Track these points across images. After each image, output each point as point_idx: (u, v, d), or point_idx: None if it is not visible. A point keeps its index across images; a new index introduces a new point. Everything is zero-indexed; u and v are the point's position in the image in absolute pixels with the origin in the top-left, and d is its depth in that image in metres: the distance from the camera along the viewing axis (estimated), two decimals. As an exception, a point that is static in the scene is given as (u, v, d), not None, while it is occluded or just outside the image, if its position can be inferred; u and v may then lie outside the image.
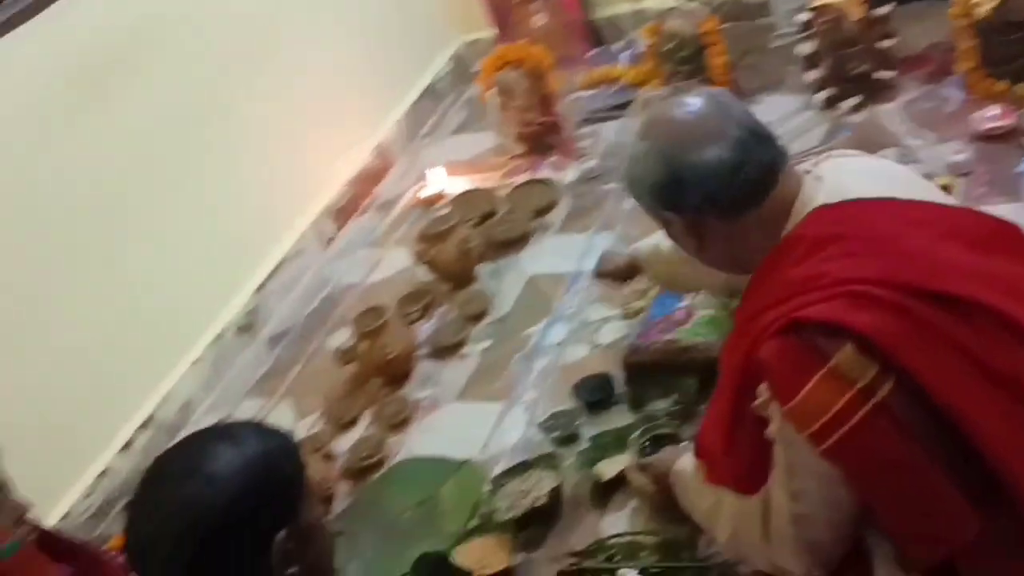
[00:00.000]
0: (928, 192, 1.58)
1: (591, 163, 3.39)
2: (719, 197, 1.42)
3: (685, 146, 1.42)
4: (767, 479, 1.46)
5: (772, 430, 1.39)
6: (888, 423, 1.26)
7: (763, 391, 1.36)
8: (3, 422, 1.88)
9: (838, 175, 1.50)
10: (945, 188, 2.52)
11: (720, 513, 1.60)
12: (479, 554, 2.17)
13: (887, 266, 1.34)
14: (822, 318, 1.29)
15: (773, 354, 1.32)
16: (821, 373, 1.27)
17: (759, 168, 1.42)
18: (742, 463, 1.50)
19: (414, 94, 4.13)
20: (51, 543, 1.89)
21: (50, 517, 2.56)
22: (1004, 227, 1.49)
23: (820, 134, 3.08)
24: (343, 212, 3.70)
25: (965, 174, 2.64)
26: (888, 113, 3.03)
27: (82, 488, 2.72)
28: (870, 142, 2.92)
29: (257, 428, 1.33)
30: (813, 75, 3.15)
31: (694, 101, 1.47)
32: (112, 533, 2.62)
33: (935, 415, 1.27)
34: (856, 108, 3.07)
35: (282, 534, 1.23)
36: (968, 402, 1.26)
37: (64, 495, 2.69)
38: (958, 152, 2.68)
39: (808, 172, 1.51)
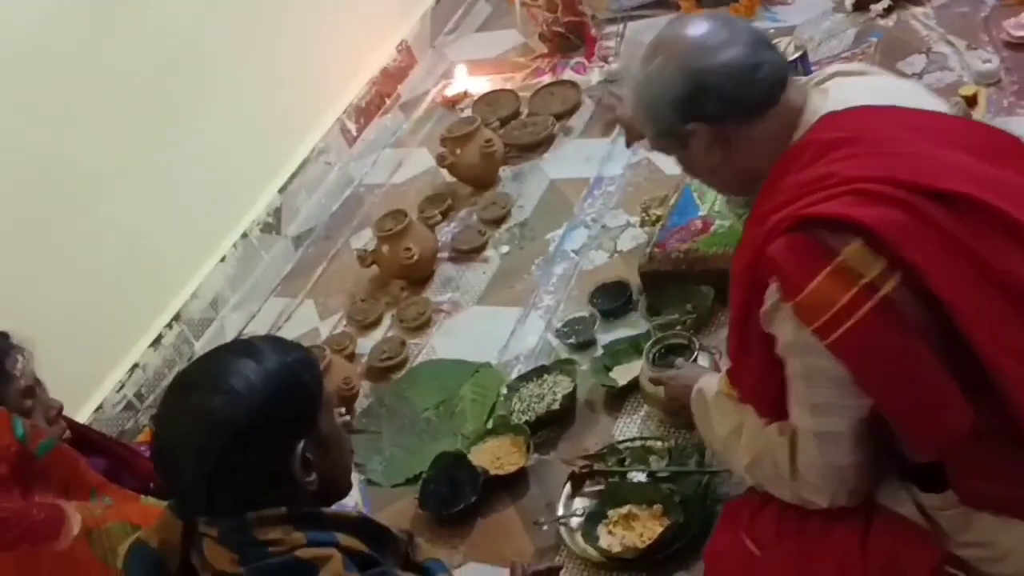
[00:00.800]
0: (934, 105, 1.60)
1: (616, 64, 3.35)
2: (742, 97, 1.45)
3: (702, 53, 1.45)
4: (772, 398, 1.47)
5: (783, 343, 1.39)
6: (892, 317, 1.28)
7: (772, 293, 1.36)
8: (39, 320, 1.95)
9: (842, 88, 1.54)
10: (971, 98, 2.50)
11: (741, 437, 1.59)
12: (495, 454, 2.26)
13: (891, 165, 1.36)
14: (829, 214, 1.31)
15: (780, 251, 1.34)
16: (829, 268, 1.29)
17: (774, 68, 1.46)
18: (751, 373, 1.51)
19: (438, -11, 4.07)
20: (84, 439, 1.99)
21: (84, 410, 2.67)
22: (1007, 138, 1.51)
23: (849, 37, 3.02)
24: (366, 111, 3.70)
25: (993, 83, 2.59)
26: (919, 17, 2.95)
27: (114, 382, 2.83)
28: (899, 47, 2.88)
29: (277, 343, 1.35)
30: (844, -24, 3.08)
31: (697, 18, 1.52)
32: (143, 425, 2.73)
33: (934, 311, 1.29)
34: (886, 11, 3.00)
35: (301, 444, 1.29)
36: (966, 299, 1.28)
37: (97, 389, 2.79)
38: (987, 60, 2.63)
39: (813, 85, 1.56)
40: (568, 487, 2.11)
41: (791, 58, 2.73)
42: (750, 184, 1.55)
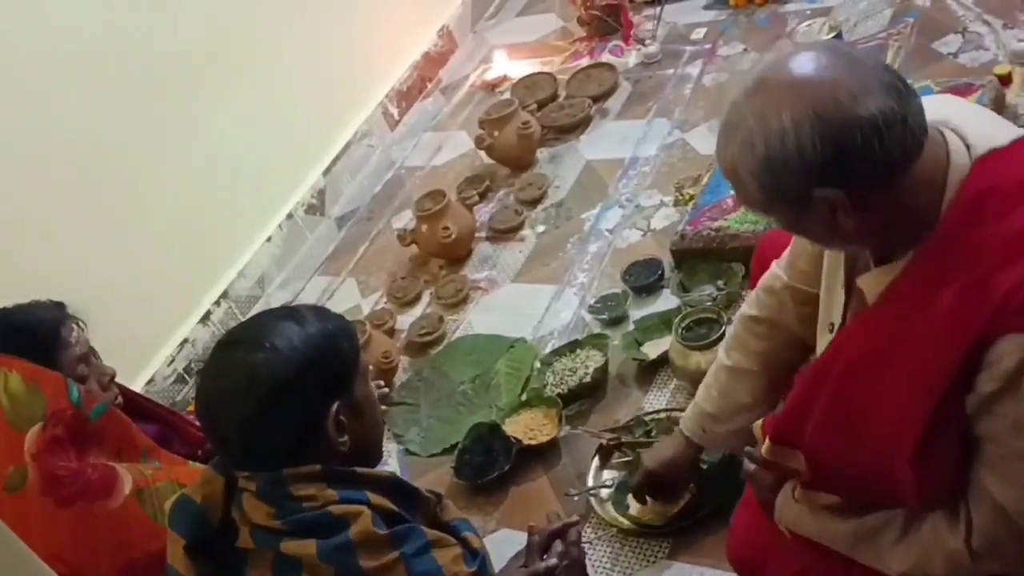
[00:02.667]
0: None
1: (652, 48, 3.39)
2: (891, 154, 1.19)
3: (842, 105, 1.17)
4: (942, 496, 1.30)
5: (1012, 422, 1.21)
6: None
7: (991, 378, 1.18)
8: (95, 296, 2.04)
9: (964, 117, 1.33)
10: (1006, 76, 2.51)
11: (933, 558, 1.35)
12: (528, 425, 2.32)
13: None
14: None
15: None
16: None
17: (919, 110, 1.21)
18: (936, 474, 1.28)
19: (480, -26, 4.14)
20: (136, 405, 2.09)
21: (137, 381, 2.78)
22: None
23: (885, 18, 3.03)
24: (408, 95, 3.78)
25: (1029, 62, 2.59)
26: (956, -3, 2.96)
27: (165, 356, 2.94)
28: (935, 27, 2.89)
29: (319, 311, 1.42)
30: (882, -44, 3.09)
31: (811, 55, 1.23)
32: (192, 397, 2.83)
33: None
34: (924, -9, 3.01)
35: (336, 405, 1.35)
36: None
37: (149, 362, 2.91)
38: (1022, 40, 2.63)
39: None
40: (597, 459, 2.16)
41: (825, 38, 2.77)
42: (877, 242, 1.32)
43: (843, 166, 1.19)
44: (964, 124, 1.29)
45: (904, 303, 1.27)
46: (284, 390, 1.31)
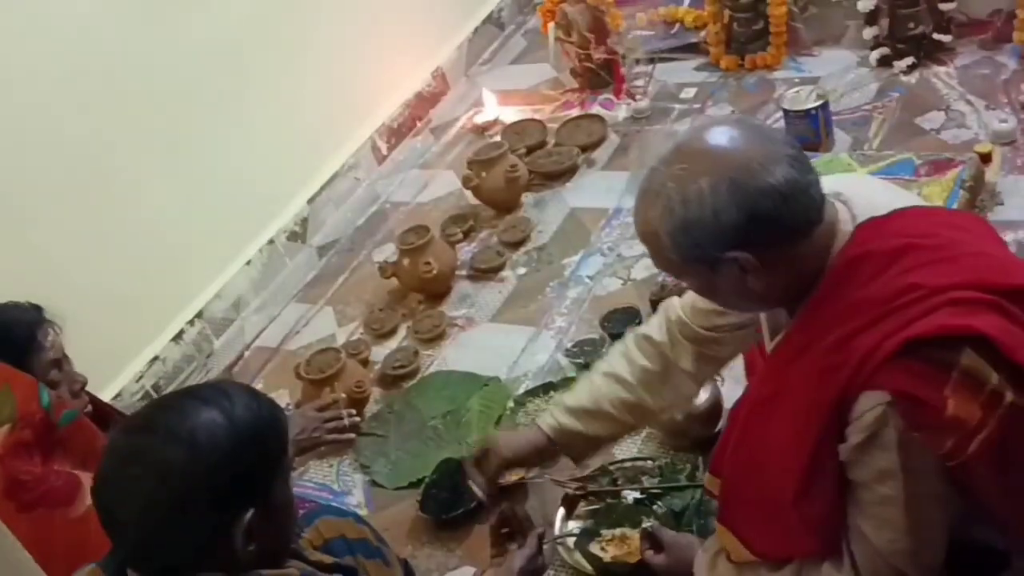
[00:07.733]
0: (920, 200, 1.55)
1: (643, 103, 3.44)
2: (797, 219, 1.30)
3: (755, 173, 1.27)
4: (837, 533, 1.40)
5: (878, 470, 1.30)
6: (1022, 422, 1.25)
7: (867, 426, 1.28)
8: (67, 306, 2.02)
9: (856, 189, 1.44)
10: (986, 155, 2.57)
11: None
12: (497, 464, 2.31)
13: (968, 269, 1.31)
14: (939, 330, 1.23)
15: (901, 380, 1.24)
16: (953, 385, 1.23)
17: (816, 181, 1.32)
18: (816, 512, 1.39)
19: (476, 21, 4.19)
20: (105, 415, 2.07)
21: (104, 395, 2.72)
22: (986, 224, 1.53)
23: (871, 91, 3.11)
24: (398, 132, 3.81)
25: (1008, 143, 2.67)
26: (941, 76, 3.04)
27: (134, 372, 2.91)
28: (919, 104, 2.97)
29: (250, 400, 1.29)
30: (871, 32, 3.17)
31: (725, 128, 1.34)
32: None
33: None
34: (910, 68, 3.09)
35: (250, 513, 1.24)
36: None
37: (118, 376, 2.88)
38: (1004, 121, 2.70)
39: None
40: (562, 509, 2.14)
41: (812, 105, 2.84)
42: (775, 304, 1.44)
43: (755, 230, 1.28)
44: (853, 196, 1.40)
45: (789, 355, 1.39)
46: (197, 493, 1.20)
